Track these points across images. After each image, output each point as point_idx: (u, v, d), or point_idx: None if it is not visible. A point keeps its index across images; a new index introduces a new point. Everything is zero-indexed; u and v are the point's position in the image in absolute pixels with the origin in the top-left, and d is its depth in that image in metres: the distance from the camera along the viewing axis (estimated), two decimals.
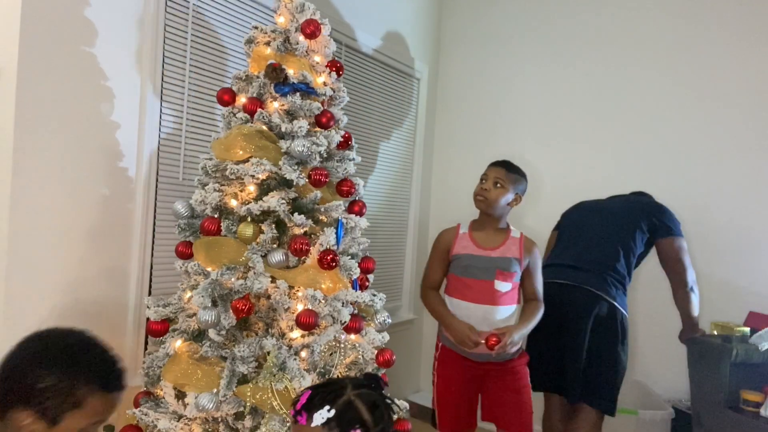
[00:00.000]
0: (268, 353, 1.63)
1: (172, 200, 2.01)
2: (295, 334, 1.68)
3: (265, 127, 1.79)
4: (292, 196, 1.75)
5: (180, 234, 1.83)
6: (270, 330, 1.73)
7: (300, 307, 1.66)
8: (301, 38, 1.87)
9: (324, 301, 1.67)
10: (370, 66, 3.15)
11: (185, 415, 1.68)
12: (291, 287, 1.70)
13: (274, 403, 1.58)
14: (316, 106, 1.82)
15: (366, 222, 1.91)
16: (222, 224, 1.74)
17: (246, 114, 1.81)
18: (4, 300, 1.69)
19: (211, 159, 1.83)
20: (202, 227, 1.74)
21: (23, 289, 1.74)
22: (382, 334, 1.90)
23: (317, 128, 1.86)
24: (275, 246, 1.75)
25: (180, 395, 1.69)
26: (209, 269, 1.70)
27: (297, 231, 1.76)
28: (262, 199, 1.71)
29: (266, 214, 1.73)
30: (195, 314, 1.71)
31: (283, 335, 1.70)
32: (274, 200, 1.69)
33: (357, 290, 1.82)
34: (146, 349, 2.05)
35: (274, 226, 1.73)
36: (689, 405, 2.62)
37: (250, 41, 1.91)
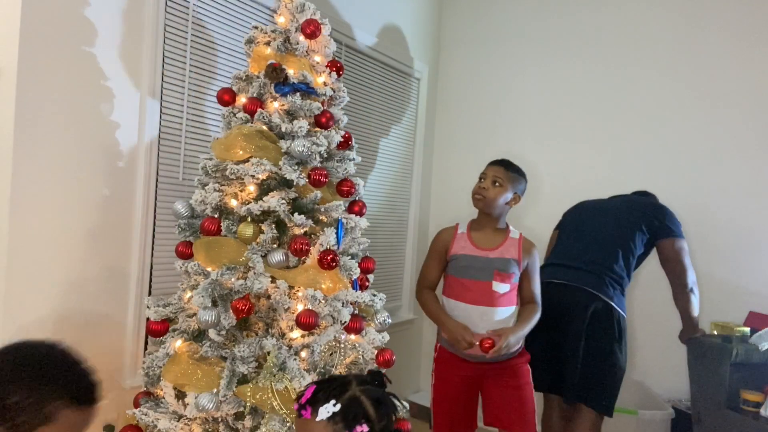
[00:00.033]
0: (268, 353, 1.63)
1: (172, 200, 2.01)
2: (295, 334, 1.68)
3: (265, 127, 1.78)
4: (292, 196, 1.75)
5: (180, 234, 1.83)
6: (270, 330, 1.73)
7: (300, 307, 1.66)
8: (301, 38, 1.87)
9: (324, 301, 1.67)
10: (370, 66, 3.15)
11: (185, 415, 1.68)
12: (291, 287, 1.69)
13: (274, 403, 1.58)
14: (316, 106, 1.82)
15: (366, 222, 1.91)
16: (222, 224, 1.74)
17: (246, 114, 1.81)
18: (4, 300, 1.69)
19: (211, 159, 1.83)
20: (202, 227, 1.74)
21: (23, 289, 1.74)
22: (382, 334, 1.89)
23: (317, 128, 1.86)
24: (275, 246, 1.75)
25: (180, 395, 1.69)
26: (209, 269, 1.70)
27: (297, 231, 1.76)
28: (262, 199, 1.71)
29: (266, 214, 1.73)
30: (195, 314, 1.71)
31: (283, 335, 1.70)
32: (274, 200, 1.69)
33: (357, 290, 1.82)
34: (146, 349, 2.05)
35: (274, 226, 1.73)
36: (689, 405, 2.62)
37: (250, 41, 1.91)
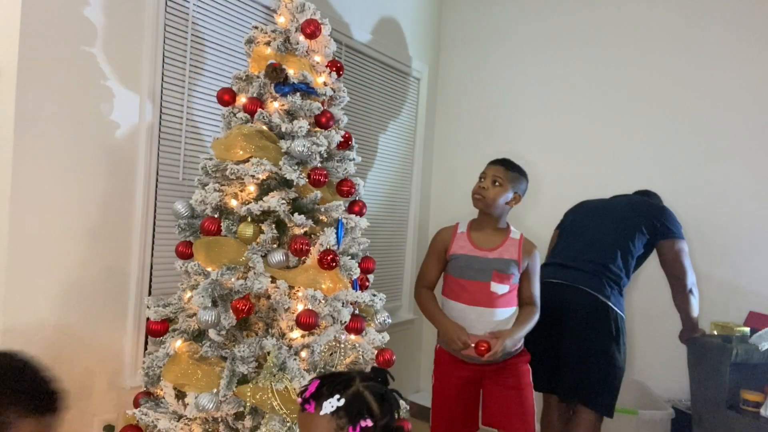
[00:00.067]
0: (268, 353, 1.63)
1: (172, 200, 2.01)
2: (295, 334, 1.68)
3: (265, 127, 1.78)
4: (292, 196, 1.75)
5: (180, 234, 1.83)
6: (270, 330, 1.73)
7: (300, 307, 1.66)
8: (301, 38, 1.87)
9: (324, 301, 1.67)
10: (370, 66, 3.15)
11: (185, 415, 1.68)
12: (291, 287, 1.69)
13: (274, 403, 1.58)
14: (316, 106, 1.82)
15: (366, 222, 1.91)
16: (222, 224, 1.74)
17: (246, 114, 1.81)
18: (4, 300, 1.69)
19: (211, 159, 1.83)
20: (202, 227, 1.74)
21: (23, 289, 1.74)
22: (382, 334, 1.89)
23: (317, 128, 1.86)
24: (275, 246, 1.75)
25: (180, 395, 1.69)
26: (209, 269, 1.70)
27: (297, 231, 1.76)
28: (262, 199, 1.71)
29: (266, 214, 1.73)
30: (195, 314, 1.71)
31: (283, 335, 1.70)
32: (274, 200, 1.69)
33: (357, 290, 1.82)
34: (146, 349, 2.05)
35: (274, 226, 1.73)
36: (689, 405, 2.62)
37: (250, 41, 1.91)
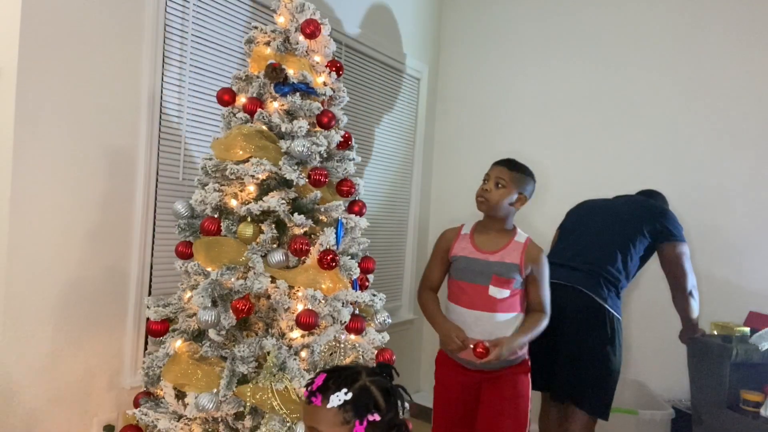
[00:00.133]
0: (268, 353, 1.63)
1: (172, 200, 2.01)
2: (295, 334, 1.68)
3: (265, 127, 1.78)
4: (292, 196, 1.75)
5: (180, 234, 1.83)
6: (270, 330, 1.73)
7: (300, 307, 1.66)
8: (301, 38, 1.87)
9: (324, 301, 1.67)
10: (370, 66, 3.15)
11: (185, 415, 1.68)
12: (291, 287, 1.69)
13: (274, 403, 1.58)
14: (316, 106, 1.82)
15: (366, 222, 1.91)
16: (222, 224, 1.74)
17: (246, 114, 1.81)
18: (4, 300, 1.69)
19: (211, 159, 1.83)
20: (202, 227, 1.74)
21: (23, 289, 1.74)
22: (382, 334, 1.89)
23: (317, 128, 1.87)
24: (275, 246, 1.75)
25: (180, 395, 1.69)
26: (209, 269, 1.70)
27: (297, 231, 1.76)
28: (262, 199, 1.71)
29: (266, 214, 1.73)
30: (195, 314, 1.71)
31: (283, 335, 1.70)
32: (274, 200, 1.69)
33: (357, 290, 1.82)
34: (146, 349, 2.05)
35: (274, 226, 1.73)
36: (689, 405, 2.62)
37: (250, 41, 1.91)
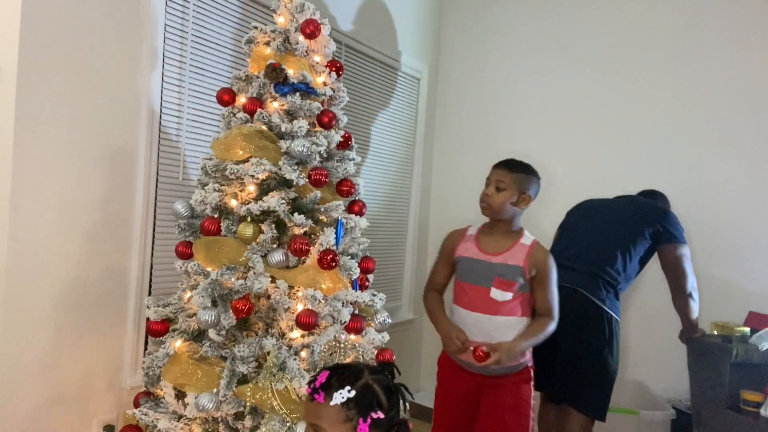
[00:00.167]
0: (268, 353, 1.63)
1: (172, 200, 2.01)
2: (295, 334, 1.68)
3: (265, 127, 1.78)
4: (292, 196, 1.75)
5: (180, 234, 1.83)
6: (270, 330, 1.73)
7: (300, 307, 1.66)
8: (301, 38, 1.87)
9: (324, 301, 1.67)
10: (370, 66, 3.15)
11: (185, 415, 1.68)
12: (291, 287, 1.69)
13: (274, 403, 1.58)
14: (315, 106, 1.82)
15: (366, 222, 1.91)
16: (222, 224, 1.74)
17: (246, 114, 1.81)
18: (4, 300, 1.69)
19: (211, 159, 1.83)
20: (202, 227, 1.74)
21: (23, 289, 1.74)
22: (382, 334, 1.89)
23: (317, 128, 1.87)
24: (275, 246, 1.75)
25: (180, 395, 1.69)
26: (209, 269, 1.70)
27: (297, 231, 1.76)
28: (262, 199, 1.71)
29: (266, 214, 1.73)
30: (195, 314, 1.71)
31: (283, 335, 1.70)
32: (274, 200, 1.69)
33: (357, 290, 1.82)
34: (146, 349, 2.05)
35: (274, 226, 1.73)
36: (689, 405, 2.62)
37: (250, 41, 1.91)
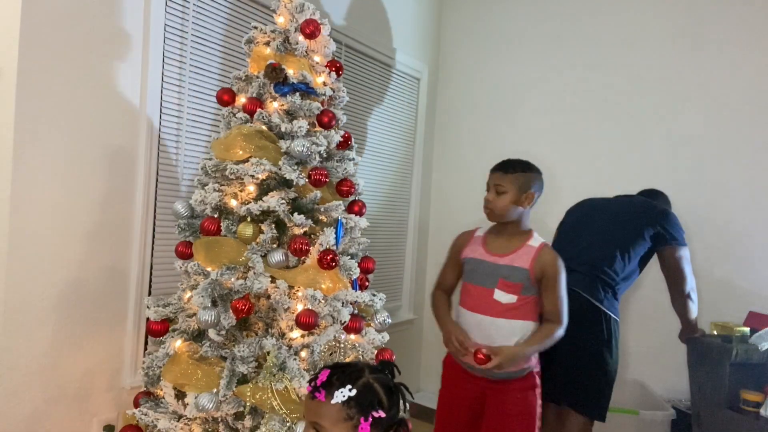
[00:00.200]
0: (268, 353, 1.63)
1: (172, 200, 2.01)
2: (295, 334, 1.68)
3: (265, 127, 1.79)
4: (291, 196, 1.75)
5: (180, 234, 1.83)
6: (270, 330, 1.73)
7: (300, 307, 1.66)
8: (301, 38, 1.87)
9: (324, 301, 1.67)
10: (370, 66, 3.15)
11: (185, 415, 1.68)
12: (291, 287, 1.70)
13: (274, 403, 1.58)
14: (315, 106, 1.83)
15: (366, 222, 1.91)
16: (222, 224, 1.74)
17: (246, 114, 1.81)
18: (4, 300, 1.69)
19: (211, 159, 1.83)
20: (202, 227, 1.74)
21: (23, 289, 1.74)
22: (382, 334, 1.89)
23: (317, 128, 1.87)
24: (275, 246, 1.75)
25: (180, 395, 1.69)
26: (209, 269, 1.70)
27: (297, 231, 1.76)
28: (261, 199, 1.71)
29: (266, 214, 1.74)
30: (195, 314, 1.71)
31: (283, 335, 1.70)
32: (274, 200, 1.69)
33: (357, 290, 1.82)
34: (146, 349, 2.05)
35: (273, 226, 1.74)
36: (689, 405, 2.62)
37: (250, 41, 1.91)
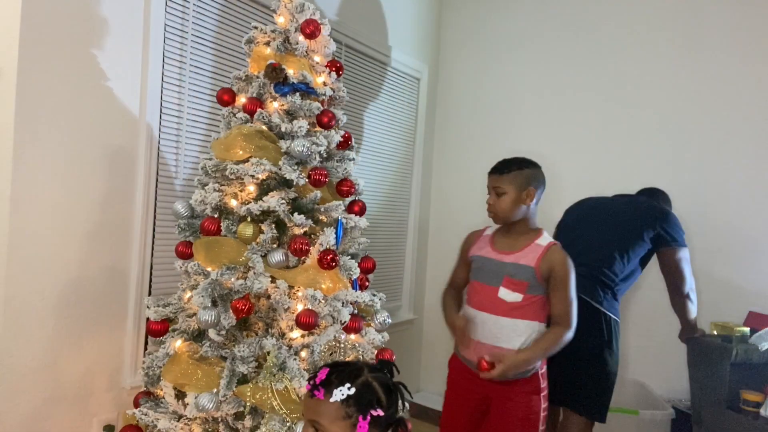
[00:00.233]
0: (268, 353, 1.63)
1: (172, 200, 2.01)
2: (295, 334, 1.68)
3: (265, 127, 1.79)
4: (292, 196, 1.75)
5: (180, 234, 1.83)
6: (270, 330, 1.73)
7: (300, 307, 1.66)
8: (301, 38, 1.87)
9: (324, 301, 1.67)
10: (370, 66, 3.15)
11: (185, 415, 1.68)
12: (291, 287, 1.70)
13: (274, 403, 1.58)
14: (315, 106, 1.83)
15: (366, 222, 1.91)
16: (222, 224, 1.74)
17: (246, 114, 1.81)
18: (4, 300, 1.69)
19: (211, 159, 1.83)
20: (202, 227, 1.74)
21: (23, 289, 1.74)
22: (382, 334, 1.90)
23: (317, 128, 1.87)
24: (275, 246, 1.75)
25: (180, 395, 1.69)
26: (209, 269, 1.70)
27: (297, 231, 1.76)
28: (262, 199, 1.71)
29: (266, 214, 1.73)
30: (195, 314, 1.71)
31: (283, 335, 1.70)
32: (274, 200, 1.69)
33: (357, 290, 1.82)
34: (146, 349, 2.05)
35: (274, 226, 1.73)
36: (689, 405, 2.62)
37: (250, 41, 1.91)
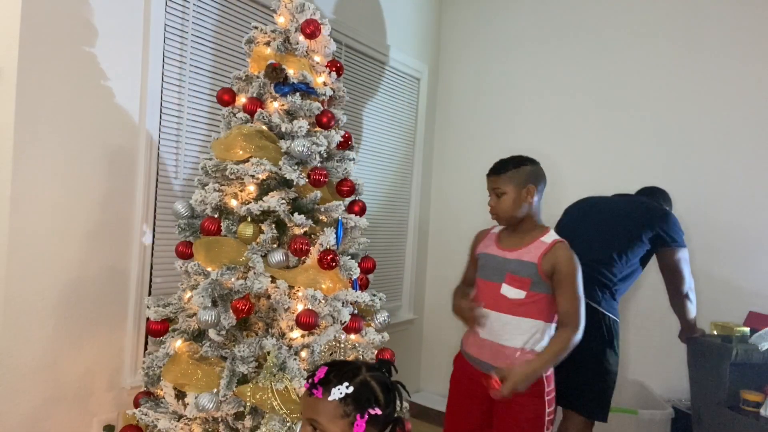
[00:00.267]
0: (268, 353, 1.63)
1: (172, 200, 2.01)
2: (295, 334, 1.68)
3: (265, 127, 1.79)
4: (292, 196, 1.75)
5: (180, 234, 1.83)
6: (270, 330, 1.73)
7: (300, 307, 1.66)
8: (301, 38, 1.87)
9: (324, 301, 1.67)
10: (370, 66, 3.15)
11: (185, 415, 1.68)
12: (291, 287, 1.70)
13: (274, 403, 1.58)
14: (316, 106, 1.83)
15: (366, 222, 1.92)
16: (222, 224, 1.74)
17: (246, 114, 1.81)
18: (4, 300, 1.69)
19: (211, 159, 1.83)
20: (202, 227, 1.74)
21: (23, 289, 1.74)
22: (382, 334, 1.90)
23: (317, 128, 1.87)
24: (275, 246, 1.75)
25: (180, 395, 1.69)
26: (209, 269, 1.70)
27: (297, 231, 1.76)
28: (262, 199, 1.71)
29: (266, 214, 1.74)
30: (195, 314, 1.71)
31: (283, 335, 1.70)
32: (274, 200, 1.69)
33: (357, 290, 1.82)
34: (146, 349, 2.05)
35: (274, 226, 1.74)
36: (689, 405, 2.62)
37: (250, 41, 1.91)
